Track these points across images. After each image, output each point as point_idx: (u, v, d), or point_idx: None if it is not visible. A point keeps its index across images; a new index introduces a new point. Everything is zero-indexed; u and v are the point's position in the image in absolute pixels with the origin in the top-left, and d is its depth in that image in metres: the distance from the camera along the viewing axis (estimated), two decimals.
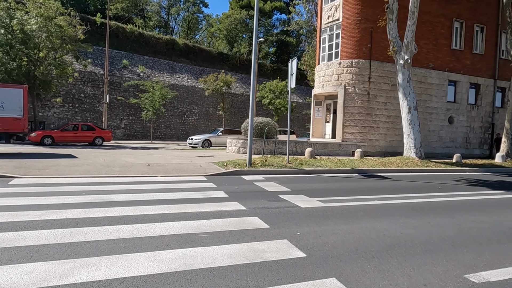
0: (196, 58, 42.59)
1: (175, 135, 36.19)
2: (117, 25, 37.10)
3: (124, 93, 32.60)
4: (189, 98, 37.96)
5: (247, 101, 43.57)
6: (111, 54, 34.80)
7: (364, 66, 19.10)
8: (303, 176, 10.33)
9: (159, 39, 39.91)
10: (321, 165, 11.78)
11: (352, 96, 19.19)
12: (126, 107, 32.60)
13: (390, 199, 7.27)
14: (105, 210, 5.34)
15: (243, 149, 16.75)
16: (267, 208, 5.90)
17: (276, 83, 37.84)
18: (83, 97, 30.28)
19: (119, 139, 31.64)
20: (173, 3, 48.77)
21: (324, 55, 20.76)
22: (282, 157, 12.89)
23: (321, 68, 20.73)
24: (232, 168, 10.56)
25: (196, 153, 16.63)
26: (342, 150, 18.56)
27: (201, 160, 12.88)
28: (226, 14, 53.47)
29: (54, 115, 28.46)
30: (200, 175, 9.52)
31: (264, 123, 17.42)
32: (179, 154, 15.95)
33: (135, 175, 9.02)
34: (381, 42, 19.29)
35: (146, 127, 33.71)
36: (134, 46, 37.51)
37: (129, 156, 13.74)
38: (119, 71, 33.73)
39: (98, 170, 9.39)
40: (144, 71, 35.74)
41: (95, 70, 31.63)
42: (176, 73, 38.94)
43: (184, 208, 5.68)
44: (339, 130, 19.42)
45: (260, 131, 17.31)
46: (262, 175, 10.11)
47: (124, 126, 32.40)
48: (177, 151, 18.18)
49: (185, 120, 37.26)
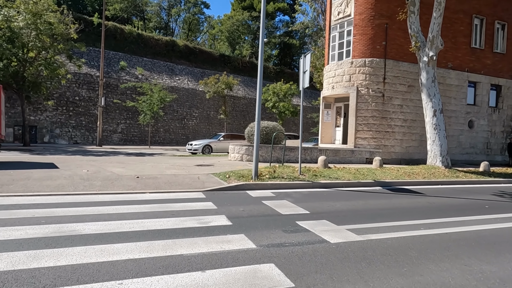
0: (196, 60, 41.19)
1: (175, 139, 34.67)
2: (115, 25, 35.77)
3: (121, 96, 31.15)
4: (189, 101, 36.48)
5: (250, 104, 42.10)
6: (108, 55, 33.42)
7: (378, 66, 17.56)
8: (319, 191, 8.74)
9: (159, 40, 38.54)
10: (338, 177, 10.19)
11: (365, 98, 17.64)
12: (123, 110, 31.13)
13: (438, 226, 5.68)
14: (59, 253, 3.78)
15: (247, 156, 15.19)
16: (285, 246, 4.32)
17: (280, 85, 36.40)
18: (78, 100, 28.82)
19: (115, 144, 30.14)
20: (174, 3, 47.46)
21: (334, 54, 19.23)
22: (293, 167, 11.32)
23: (330, 68, 19.19)
24: (236, 181, 8.99)
25: (195, 161, 15.07)
26: (355, 157, 16.97)
27: (200, 170, 11.31)
28: (228, 15, 52.20)
29: (46, 119, 26.99)
30: (197, 190, 7.95)
31: (270, 127, 15.87)
32: (176, 162, 14.39)
33: (119, 191, 7.45)
34: (397, 39, 17.78)
35: (144, 131, 32.21)
36: (133, 47, 36.15)
37: (118, 165, 12.18)
38: (116, 73, 32.30)
39: (75, 185, 7.83)
40: (143, 73, 34.31)
41: (90, 71, 30.20)
42: (176, 75, 37.50)
43: (171, 247, 4.11)
44: (351, 135, 17.85)
45: (265, 137, 15.75)
46: (271, 190, 8.53)
47: (121, 130, 30.91)
48: (175, 159, 16.64)
49: (185, 124, 35.76)
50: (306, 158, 16.00)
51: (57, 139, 27.18)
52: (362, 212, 6.59)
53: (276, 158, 15.37)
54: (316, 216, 6.03)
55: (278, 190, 8.56)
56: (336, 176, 10.20)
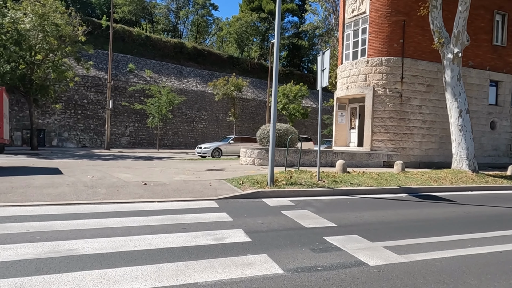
0: (205, 62, 40.77)
1: (183, 142, 34.20)
2: (123, 28, 35.56)
3: (129, 98, 30.80)
4: (198, 103, 36.01)
5: (259, 106, 41.49)
6: (117, 58, 33.17)
7: (395, 65, 16.77)
8: (342, 200, 8.03)
9: (167, 43, 38.21)
10: (360, 183, 9.46)
11: (382, 99, 16.85)
12: (132, 113, 30.77)
13: (487, 242, 4.94)
14: (50, 281, 3.16)
15: (259, 160, 14.53)
16: (317, 270, 3.64)
17: (290, 87, 35.68)
18: (86, 103, 28.55)
19: (123, 147, 29.78)
20: (182, 6, 47.20)
21: (348, 53, 18.49)
22: (310, 172, 10.62)
23: (344, 68, 18.46)
24: (250, 187, 8.34)
25: (205, 165, 14.46)
26: (372, 161, 16.19)
27: (211, 175, 10.69)
28: (236, 17, 51.76)
29: (55, 122, 26.74)
30: (209, 198, 7.31)
31: (283, 130, 15.19)
32: (186, 166, 13.80)
33: (125, 199, 6.86)
34: (414, 36, 16.98)
35: (153, 134, 31.80)
36: (141, 49, 35.87)
37: (125, 170, 11.63)
38: (125, 75, 32.00)
39: (78, 193, 7.27)
40: (151, 76, 33.96)
41: (99, 74, 29.93)
42: (184, 77, 37.09)
43: (184, 272, 3.46)
44: (367, 138, 17.06)
45: (278, 139, 15.06)
46: (289, 198, 7.85)
47: (129, 133, 30.54)
48: (184, 163, 16.07)
49: (193, 127, 35.28)
50: (321, 161, 15.23)
51: (66, 143, 26.91)
52: (395, 225, 5.87)
53: (290, 162, 14.68)
54: (345, 230, 5.33)
55: (296, 198, 7.88)
56: (358, 182, 9.47)
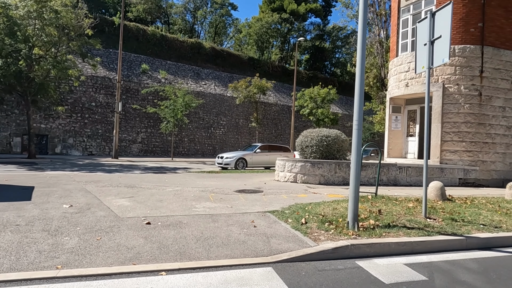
0: (224, 63, 37.81)
1: (200, 150, 31.07)
2: (137, 26, 32.99)
3: (141, 101, 27.96)
4: (216, 107, 32.93)
5: (282, 111, 38.14)
6: (129, 58, 30.51)
7: (472, 55, 13.16)
8: (499, 263, 4.48)
9: (184, 43, 35.46)
10: (496, 224, 5.87)
11: (454, 98, 13.23)
12: (144, 118, 27.88)
13: None
14: None
15: (304, 177, 11.08)
16: None
17: (317, 89, 32.26)
18: (94, 106, 25.81)
19: (134, 155, 26.83)
20: (200, 5, 44.61)
21: (406, 43, 14.98)
22: (399, 201, 7.12)
23: (402, 61, 14.92)
24: (323, 233, 4.91)
25: (232, 181, 11.12)
26: (445, 177, 12.54)
27: (247, 201, 7.32)
28: (257, 17, 48.83)
29: (59, 127, 24.03)
30: (262, 262, 3.93)
31: (332, 137, 11.72)
32: (207, 184, 10.50)
33: (103, 271, 3.53)
34: (497, 19, 13.36)
35: (167, 141, 28.80)
36: (156, 49, 33.17)
37: (125, 191, 8.39)
38: (137, 76, 29.24)
39: (24, 249, 3.99)
40: (166, 77, 31.12)
41: (109, 75, 27.23)
42: (202, 79, 34.15)
43: None
44: (435, 148, 13.40)
45: (326, 149, 11.63)
46: (401, 258, 4.38)
47: (141, 140, 27.61)
48: (204, 177, 12.76)
49: (211, 134, 32.15)
50: (382, 178, 11.72)
51: (70, 150, 24.15)
52: None
53: (342, 179, 11.20)
54: None
55: (413, 258, 4.39)
56: (494, 223, 5.88)
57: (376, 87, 25.58)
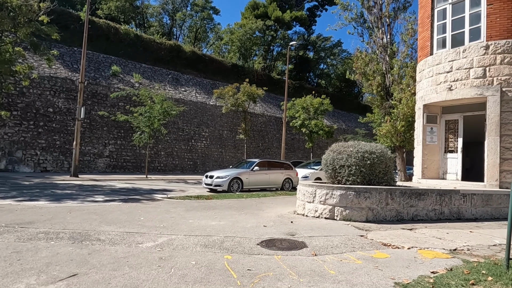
0: (206, 69, 34.32)
1: (179, 165, 27.10)
2: (108, 24, 29.00)
3: (111, 108, 23.85)
4: (198, 117, 29.22)
5: (269, 122, 34.95)
6: (98, 58, 26.41)
7: None
8: None
9: (161, 45, 31.73)
10: None
11: None
12: (113, 127, 23.72)
13: None
14: None
15: (345, 211, 7.72)
16: None
17: (310, 99, 29.36)
18: (52, 113, 21.44)
19: (100, 171, 22.53)
20: (179, 7, 41.13)
21: (444, 38, 12.20)
22: None
23: (440, 60, 12.09)
24: None
25: (238, 216, 7.58)
26: None
27: (303, 280, 3.80)
28: (239, 23, 45.93)
29: (4, 138, 19.45)
30: None
31: (378, 153, 8.46)
32: (206, 224, 6.97)
33: None
34: None
35: (140, 155, 24.69)
36: (129, 51, 29.22)
37: (67, 251, 4.73)
38: (106, 79, 25.14)
39: None
40: (141, 81, 27.18)
41: (72, 76, 23.01)
42: (181, 85, 30.44)
43: None
44: (493, 167, 10.50)
45: (370, 170, 8.36)
46: None
47: (109, 153, 23.36)
48: (196, 211, 9.13)
49: (192, 146, 28.31)
50: (442, 211, 8.56)
51: (18, 166, 19.58)
52: None
53: (396, 213, 7.94)
54: None
55: None
56: None
57: (380, 96, 22.90)
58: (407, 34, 21.94)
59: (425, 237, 6.34)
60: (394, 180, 8.92)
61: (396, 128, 20.52)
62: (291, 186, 16.45)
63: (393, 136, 21.05)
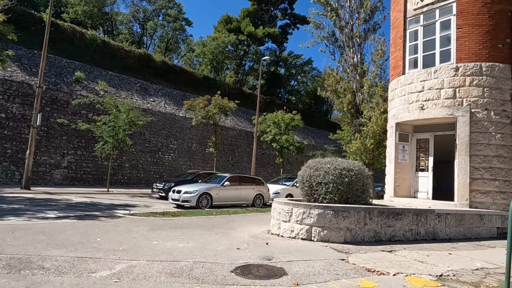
0: (176, 80, 33.48)
1: (144, 179, 25.79)
2: (73, 28, 27.61)
3: (72, 116, 22.36)
4: (166, 128, 28.18)
5: (240, 136, 34.49)
6: (61, 63, 24.90)
7: (502, 75, 10.90)
8: None
9: (130, 53, 30.62)
10: None
11: (484, 126, 10.72)
12: (73, 136, 22.19)
13: None
14: None
15: (322, 232, 7.31)
16: None
17: (281, 114, 29.33)
18: (5, 119, 19.69)
19: (57, 184, 20.84)
20: (150, 17, 40.22)
21: (416, 58, 12.45)
22: None
23: (412, 79, 12.28)
24: None
25: (208, 236, 6.92)
26: (484, 227, 9.68)
27: None
28: (212, 36, 45.66)
29: None
30: None
31: (355, 171, 8.18)
32: (172, 247, 6.29)
33: None
34: None
35: (102, 167, 23.22)
36: (95, 57, 27.88)
37: None
38: (69, 85, 23.66)
39: None
40: (106, 89, 25.87)
41: (29, 80, 21.40)
42: (150, 95, 29.36)
43: None
44: (463, 187, 10.61)
45: (347, 188, 8.06)
46: None
47: (67, 164, 21.73)
48: (161, 230, 8.37)
49: (159, 159, 27.13)
50: (419, 231, 8.38)
51: None
52: None
53: (374, 234, 7.65)
54: None
55: None
56: None
57: (351, 113, 23.20)
58: (377, 55, 22.47)
59: (407, 261, 6.02)
60: (372, 198, 8.65)
61: (365, 145, 20.72)
62: (262, 202, 15.92)
63: (362, 153, 21.23)
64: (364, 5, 23.53)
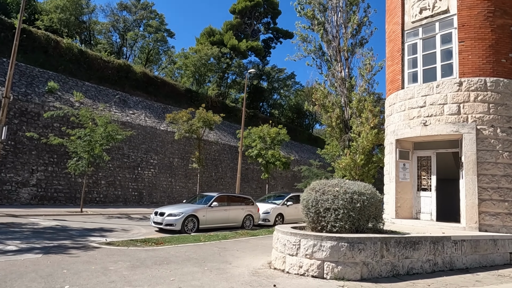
0: (157, 92, 32.19)
1: (122, 197, 24.09)
2: (48, 36, 26.01)
3: (44, 129, 20.65)
4: (146, 143, 26.70)
5: (223, 151, 33.34)
6: (32, 72, 23.21)
7: (507, 91, 10.48)
8: None
9: (108, 63, 29.18)
10: None
11: (490, 144, 10.18)
12: (44, 151, 20.43)
13: None
14: None
15: (336, 268, 6.33)
16: None
17: (267, 128, 28.51)
18: None
19: (24, 204, 18.93)
20: (131, 27, 38.95)
21: (416, 72, 11.92)
22: None
23: (412, 94, 11.71)
24: None
25: (201, 275, 5.77)
26: (498, 253, 8.97)
27: None
28: (194, 49, 44.75)
29: None
30: None
31: (368, 195, 7.28)
32: None
33: None
34: None
35: (76, 184, 21.45)
36: (71, 67, 26.30)
37: None
38: (40, 96, 21.98)
39: None
40: (82, 101, 24.28)
41: None
42: (129, 108, 27.90)
43: None
44: (471, 208, 9.94)
45: (359, 215, 7.13)
46: None
47: (36, 182, 19.88)
48: (143, 267, 7.16)
49: (138, 175, 25.53)
50: (436, 261, 7.53)
51: None
52: None
53: (392, 268, 6.70)
54: None
55: None
56: None
57: (339, 128, 22.63)
58: (365, 69, 22.14)
59: None
60: (382, 225, 7.76)
61: (355, 161, 20.11)
62: (252, 223, 14.79)
63: (352, 169, 20.59)
64: (351, 20, 23.35)
